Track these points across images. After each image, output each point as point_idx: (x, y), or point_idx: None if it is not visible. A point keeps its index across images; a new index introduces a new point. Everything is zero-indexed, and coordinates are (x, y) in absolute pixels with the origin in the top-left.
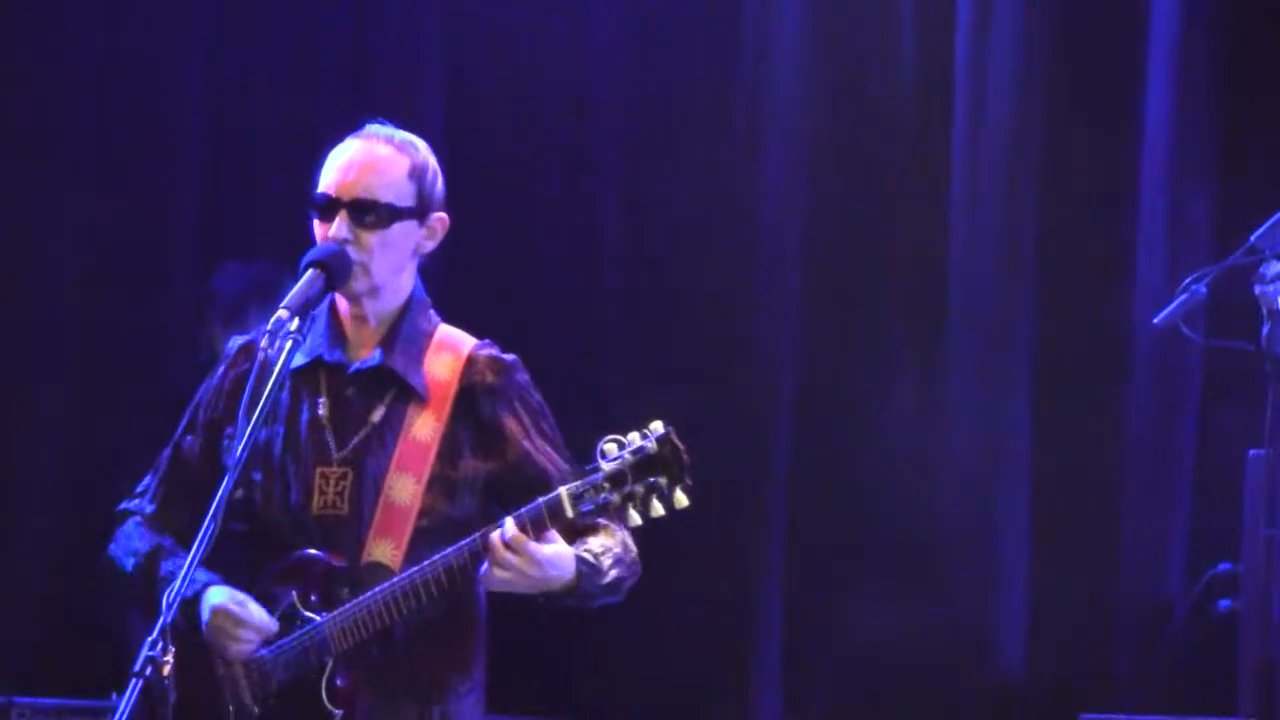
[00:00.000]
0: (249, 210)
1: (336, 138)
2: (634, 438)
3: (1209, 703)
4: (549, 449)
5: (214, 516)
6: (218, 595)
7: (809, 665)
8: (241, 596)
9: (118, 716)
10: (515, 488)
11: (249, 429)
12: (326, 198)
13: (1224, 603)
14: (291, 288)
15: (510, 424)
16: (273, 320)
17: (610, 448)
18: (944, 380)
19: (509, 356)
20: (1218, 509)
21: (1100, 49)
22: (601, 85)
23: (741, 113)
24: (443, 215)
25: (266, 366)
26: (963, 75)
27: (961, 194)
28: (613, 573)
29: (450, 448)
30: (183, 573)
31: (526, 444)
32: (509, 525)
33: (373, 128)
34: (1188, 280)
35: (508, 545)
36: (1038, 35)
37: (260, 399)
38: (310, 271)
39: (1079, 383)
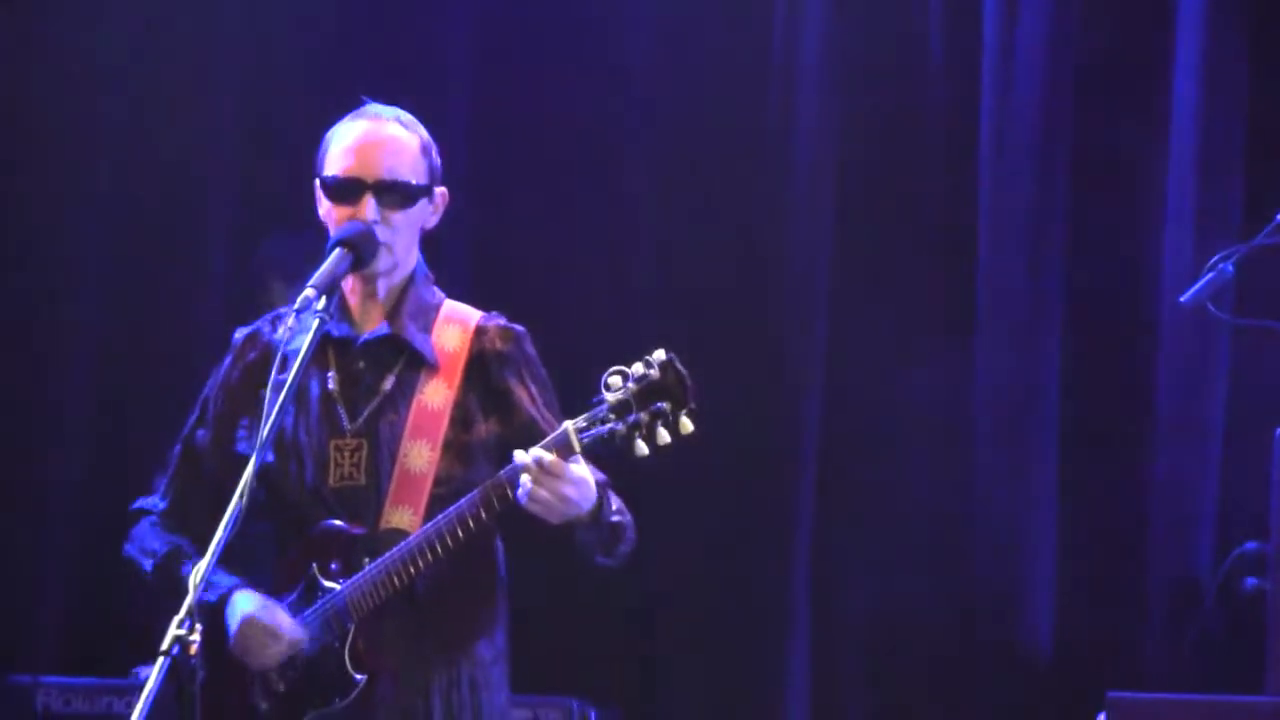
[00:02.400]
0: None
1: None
2: (637, 367)
3: (1237, 681)
4: (553, 419)
5: (238, 504)
6: (246, 603)
7: (836, 639)
8: (271, 604)
9: (145, 695)
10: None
11: (275, 410)
12: (350, 180)
13: (1251, 581)
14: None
15: (518, 390)
16: (300, 299)
17: (614, 379)
18: (971, 364)
19: (519, 327)
20: (1245, 488)
21: (1128, 34)
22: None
23: (776, 91)
24: (444, 190)
25: (292, 345)
26: (990, 64)
27: (989, 177)
28: (617, 516)
29: (463, 413)
30: (204, 569)
31: (533, 411)
32: (538, 450)
33: (374, 107)
34: (1215, 259)
35: (543, 467)
36: (1065, 22)
37: (286, 381)
38: (338, 250)
39: (1107, 362)
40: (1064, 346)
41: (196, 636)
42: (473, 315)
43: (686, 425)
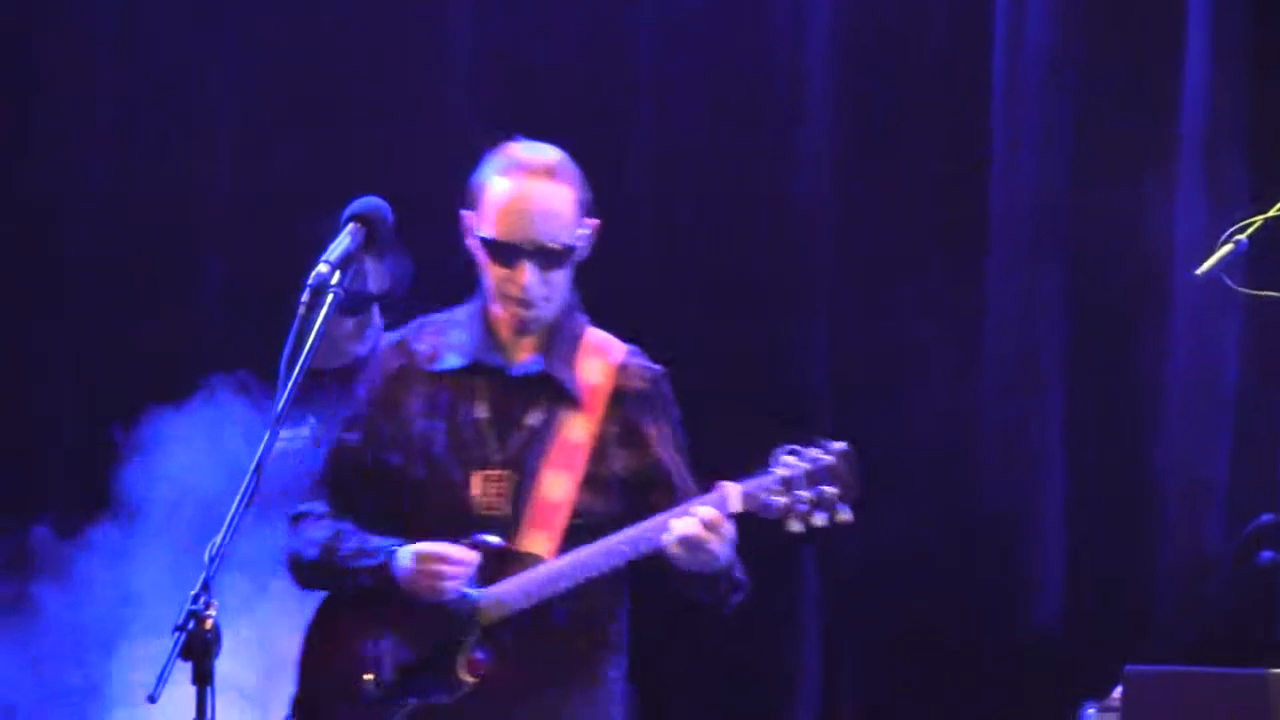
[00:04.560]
0: None
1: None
2: (813, 450)
3: (1251, 654)
4: (680, 461)
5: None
6: (410, 547)
7: (844, 612)
8: (437, 544)
9: (162, 670)
10: (647, 489)
11: (290, 384)
12: (507, 245)
13: (1266, 554)
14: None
15: (651, 430)
16: (313, 275)
17: (786, 456)
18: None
19: (658, 367)
20: (1259, 460)
21: (1137, 12)
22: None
23: (782, 50)
24: (596, 221)
25: (307, 322)
26: (1001, 49)
27: (1002, 161)
28: (738, 572)
29: (601, 447)
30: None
31: (661, 451)
32: (705, 509)
33: (529, 155)
34: (1230, 231)
35: (709, 526)
36: (1074, 3)
37: (301, 356)
38: (351, 225)
39: (1117, 335)
40: (1072, 324)
41: (213, 611)
42: (615, 348)
43: (846, 517)
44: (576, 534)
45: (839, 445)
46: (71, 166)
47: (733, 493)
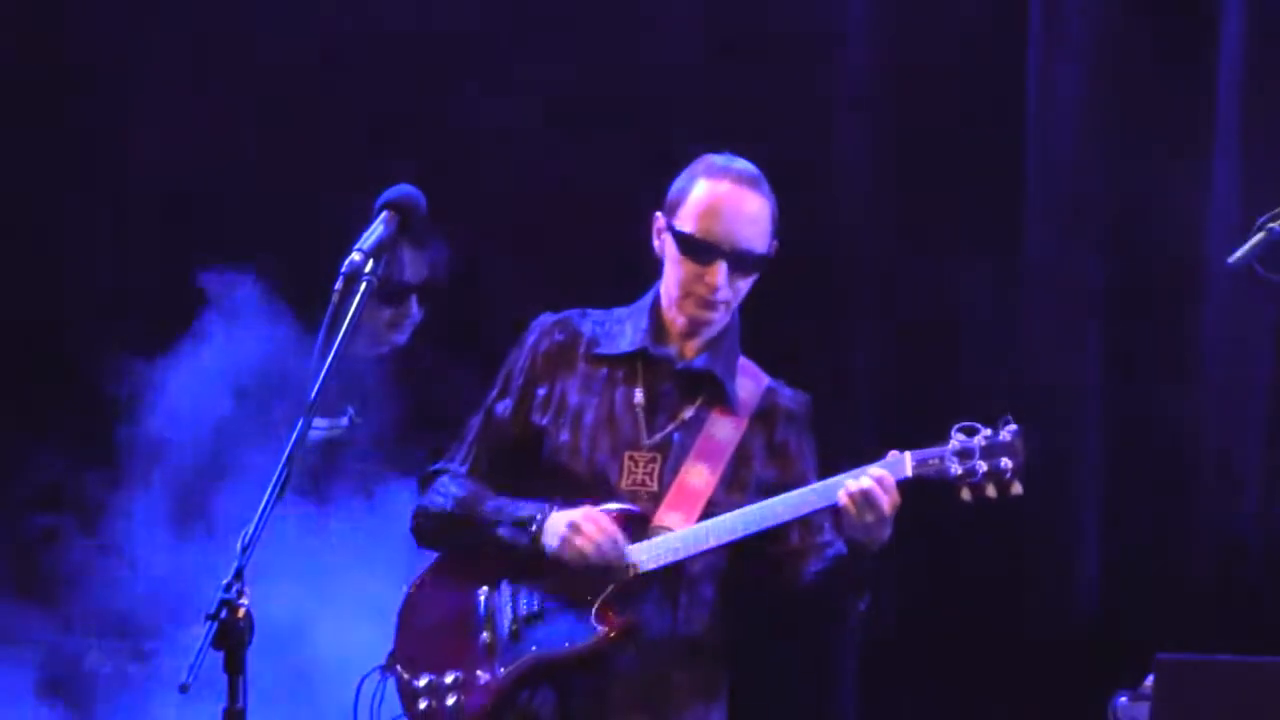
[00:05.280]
0: None
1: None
2: (988, 429)
3: None
4: (817, 478)
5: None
6: (564, 514)
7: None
8: (592, 510)
9: (194, 659)
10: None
11: (326, 366)
12: (707, 244)
13: None
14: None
15: (796, 448)
16: (347, 263)
17: (963, 433)
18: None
19: (806, 395)
20: None
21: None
22: None
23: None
24: (775, 241)
25: (341, 310)
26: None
27: (1036, 151)
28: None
29: (744, 452)
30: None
31: (804, 468)
32: (879, 469)
33: (739, 164)
34: (1263, 219)
35: (883, 485)
36: None
37: (333, 344)
38: (384, 213)
39: (1153, 324)
40: (1108, 316)
41: (245, 600)
42: (762, 373)
43: (1018, 488)
44: None
45: (1013, 426)
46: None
47: (906, 458)
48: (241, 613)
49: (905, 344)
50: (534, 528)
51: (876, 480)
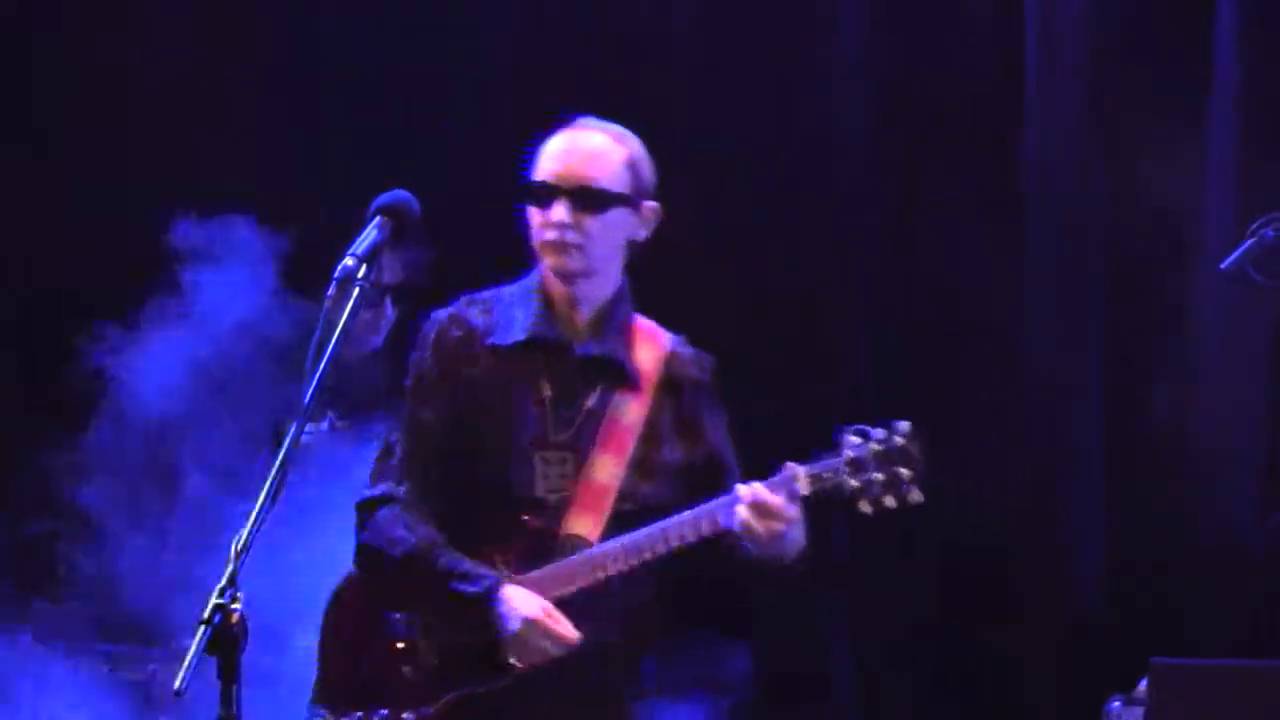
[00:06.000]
0: None
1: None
2: (879, 431)
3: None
4: (730, 448)
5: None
6: (524, 603)
7: (876, 600)
8: (547, 605)
9: (187, 664)
10: (699, 479)
11: (316, 376)
12: (545, 185)
13: None
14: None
15: (706, 418)
16: (340, 268)
17: (853, 438)
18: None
19: (709, 357)
20: None
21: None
22: None
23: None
24: (655, 205)
25: (334, 315)
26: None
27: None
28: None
29: (651, 433)
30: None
31: (717, 438)
32: (762, 489)
33: (586, 119)
34: (1256, 224)
35: (761, 507)
36: None
37: (326, 349)
38: (377, 218)
39: (1149, 327)
40: (1109, 325)
41: (238, 605)
42: (663, 335)
43: (917, 497)
44: (623, 519)
45: (905, 425)
46: None
47: (800, 475)
48: (235, 618)
49: (902, 343)
50: (484, 603)
51: (770, 505)
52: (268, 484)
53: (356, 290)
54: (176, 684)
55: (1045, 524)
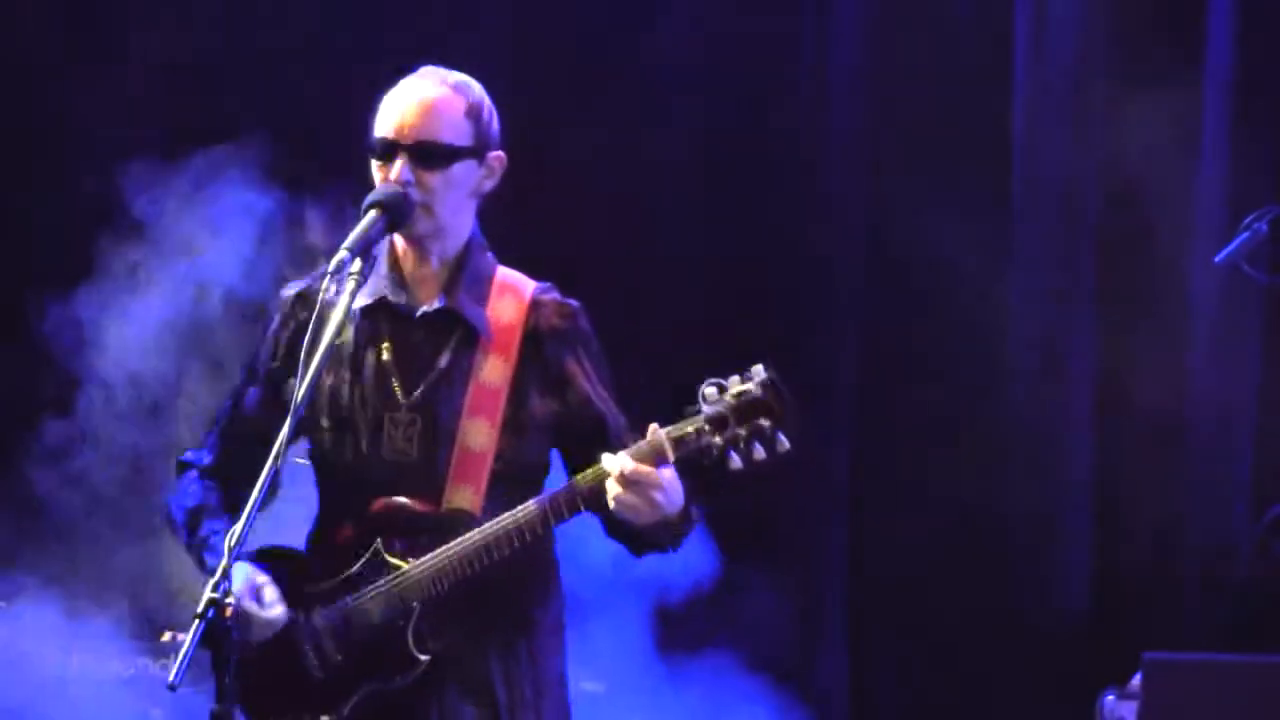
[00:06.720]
0: None
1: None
2: (734, 381)
3: (1272, 641)
4: (608, 397)
5: (273, 464)
6: (240, 579)
7: (873, 595)
8: (260, 581)
9: (182, 658)
10: (574, 431)
11: (311, 373)
12: (385, 141)
13: None
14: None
15: (573, 367)
16: (335, 261)
17: (710, 391)
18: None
19: (574, 301)
20: None
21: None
22: None
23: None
24: (500, 154)
25: (328, 308)
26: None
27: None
28: (695, 516)
29: (520, 390)
30: (238, 531)
31: (588, 387)
32: (627, 458)
33: (427, 69)
34: (1249, 218)
35: (629, 477)
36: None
37: (322, 342)
38: (371, 213)
39: (1141, 322)
40: (1100, 313)
41: (232, 599)
42: (526, 285)
43: (784, 444)
44: (501, 482)
45: (761, 372)
46: None
47: (663, 439)
48: (229, 612)
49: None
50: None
51: (628, 476)
52: (261, 481)
53: (351, 283)
54: (172, 677)
55: (1036, 519)
